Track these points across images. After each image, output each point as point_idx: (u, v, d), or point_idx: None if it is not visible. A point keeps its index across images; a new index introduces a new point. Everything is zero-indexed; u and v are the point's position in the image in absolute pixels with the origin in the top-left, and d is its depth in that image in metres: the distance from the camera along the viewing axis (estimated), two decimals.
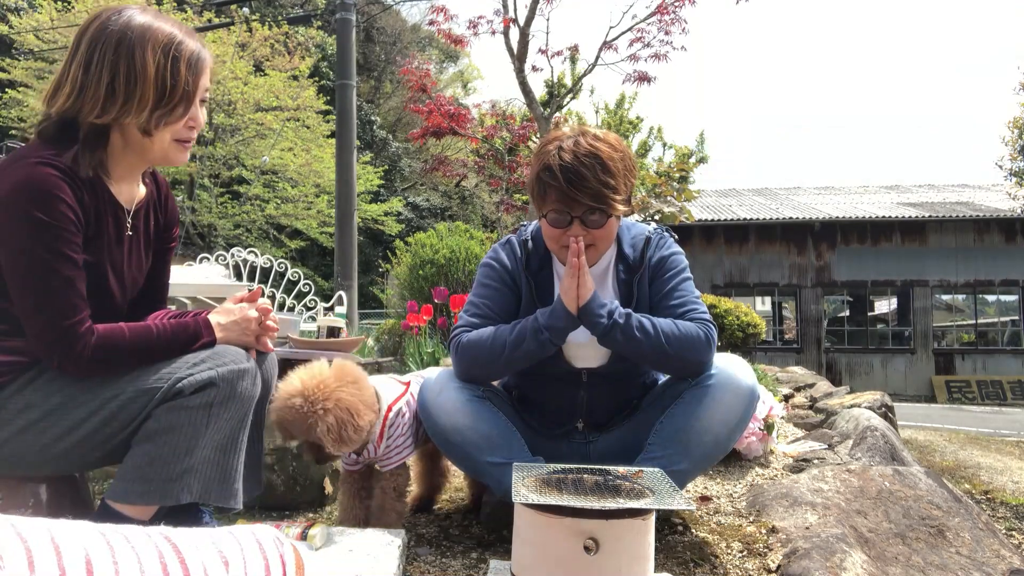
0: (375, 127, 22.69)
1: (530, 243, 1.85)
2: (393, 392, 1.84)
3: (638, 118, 20.99)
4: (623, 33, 7.82)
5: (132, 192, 1.52)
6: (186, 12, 13.72)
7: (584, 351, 1.82)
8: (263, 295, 1.59)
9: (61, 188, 1.32)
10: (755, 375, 1.78)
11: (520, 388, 1.97)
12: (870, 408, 3.61)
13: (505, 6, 7.73)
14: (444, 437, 1.77)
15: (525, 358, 1.71)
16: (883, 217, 18.76)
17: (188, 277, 3.85)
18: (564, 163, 1.64)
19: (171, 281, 1.71)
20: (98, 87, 1.34)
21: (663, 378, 1.93)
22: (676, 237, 1.92)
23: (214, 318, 1.49)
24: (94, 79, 1.34)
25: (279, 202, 16.12)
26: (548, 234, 1.76)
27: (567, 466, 1.52)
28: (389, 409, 1.79)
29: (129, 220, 1.50)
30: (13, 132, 13.24)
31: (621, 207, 1.68)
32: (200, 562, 0.76)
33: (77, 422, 1.34)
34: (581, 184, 1.62)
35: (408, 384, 1.91)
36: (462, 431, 1.73)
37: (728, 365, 1.74)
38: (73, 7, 12.78)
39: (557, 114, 8.83)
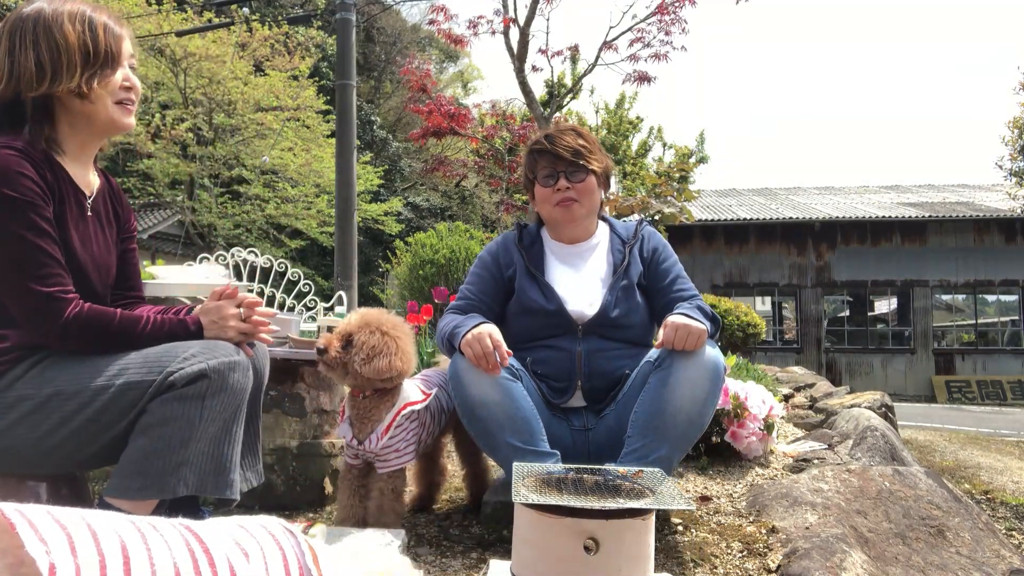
0: (375, 127, 22.64)
1: (526, 226, 2.16)
2: (414, 396, 1.87)
3: (638, 118, 21.04)
4: (623, 33, 7.82)
5: (87, 178, 1.56)
6: (186, 12, 13.67)
7: (578, 296, 1.99)
8: (256, 293, 1.59)
9: (22, 165, 1.36)
10: (719, 350, 1.84)
11: (531, 358, 2.01)
12: (870, 408, 3.62)
13: (505, 6, 7.73)
14: (471, 409, 1.80)
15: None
16: (883, 217, 18.74)
17: (188, 277, 3.84)
18: (548, 134, 2.05)
19: (171, 281, 1.72)
20: (26, 66, 1.41)
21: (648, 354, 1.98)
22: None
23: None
24: (20, 60, 1.41)
25: (279, 202, 16.06)
26: (541, 196, 2.04)
27: (567, 466, 1.52)
28: (404, 407, 1.81)
29: (88, 202, 1.53)
30: None
31: (597, 168, 2.01)
32: (223, 553, 0.76)
33: (69, 414, 1.35)
34: (562, 142, 2.00)
35: (428, 396, 1.91)
36: (490, 406, 1.77)
37: None
38: None
39: (557, 114, 8.83)
